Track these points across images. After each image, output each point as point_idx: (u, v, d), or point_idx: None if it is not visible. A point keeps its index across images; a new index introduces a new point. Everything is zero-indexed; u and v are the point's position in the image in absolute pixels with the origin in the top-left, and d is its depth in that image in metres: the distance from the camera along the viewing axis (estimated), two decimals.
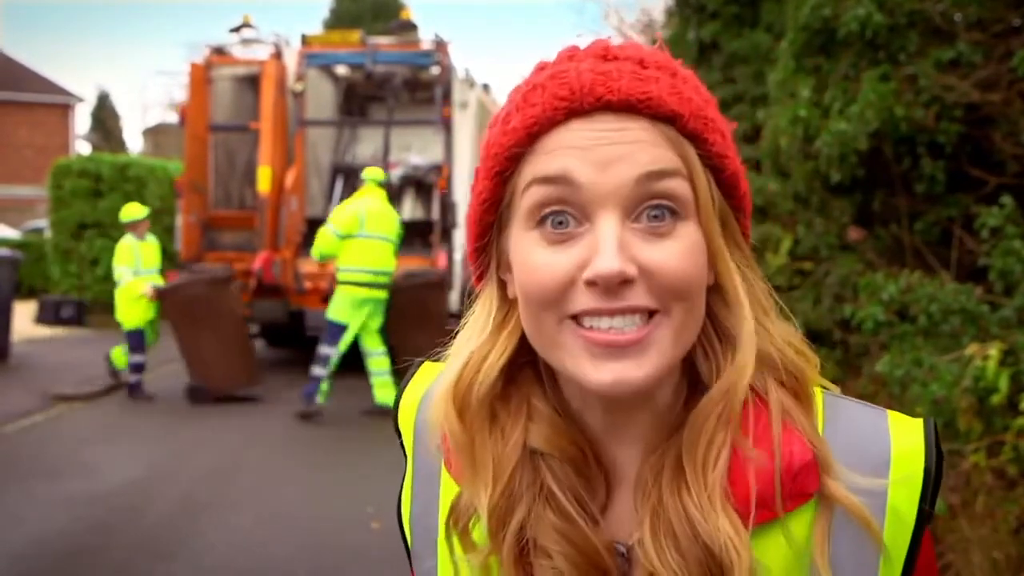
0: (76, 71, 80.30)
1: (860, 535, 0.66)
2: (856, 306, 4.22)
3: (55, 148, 27.10)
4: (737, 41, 7.82)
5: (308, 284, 9.17)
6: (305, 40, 10.50)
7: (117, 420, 7.75)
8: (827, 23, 4.67)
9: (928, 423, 0.70)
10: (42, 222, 18.47)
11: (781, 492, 0.66)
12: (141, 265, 8.33)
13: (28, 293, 15.11)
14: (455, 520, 0.73)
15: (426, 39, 10.59)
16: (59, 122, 29.72)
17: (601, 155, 0.64)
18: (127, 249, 8.37)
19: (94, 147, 34.38)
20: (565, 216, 0.65)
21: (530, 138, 0.66)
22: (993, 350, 3.34)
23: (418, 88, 10.89)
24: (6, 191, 27.56)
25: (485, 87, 12.24)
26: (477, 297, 0.77)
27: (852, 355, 4.96)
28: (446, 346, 0.80)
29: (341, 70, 11.29)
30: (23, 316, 12.42)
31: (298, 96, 10.07)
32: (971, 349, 3.44)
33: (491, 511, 0.70)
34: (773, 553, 0.66)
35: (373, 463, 6.42)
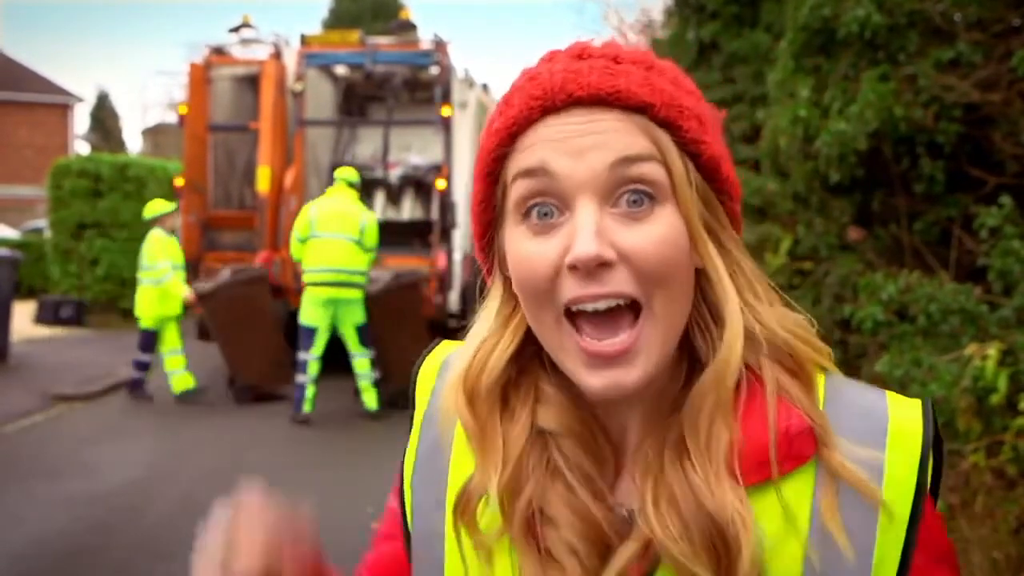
0: (76, 71, 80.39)
1: (860, 505, 0.68)
2: (855, 306, 4.23)
3: (55, 148, 27.10)
4: (737, 41, 7.82)
5: None
6: (304, 40, 10.49)
7: (117, 420, 7.75)
8: (827, 23, 4.68)
9: (926, 401, 0.73)
10: (42, 222, 18.47)
11: (777, 454, 0.68)
12: (174, 261, 8.24)
13: (28, 293, 15.11)
14: (464, 502, 0.75)
15: (425, 39, 10.59)
16: (59, 122, 29.71)
17: (575, 145, 0.67)
18: (167, 243, 8.21)
19: (93, 147, 34.38)
20: (549, 207, 0.69)
21: (511, 138, 0.70)
22: (992, 350, 3.35)
23: (418, 88, 10.89)
24: (6, 191, 27.56)
25: (484, 87, 12.24)
26: (489, 291, 0.81)
27: (851, 355, 4.97)
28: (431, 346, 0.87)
29: (340, 70, 11.28)
30: (23, 316, 12.41)
31: (297, 96, 10.06)
32: (970, 349, 3.45)
33: (502, 489, 0.72)
34: (767, 515, 0.68)
35: (372, 463, 6.41)
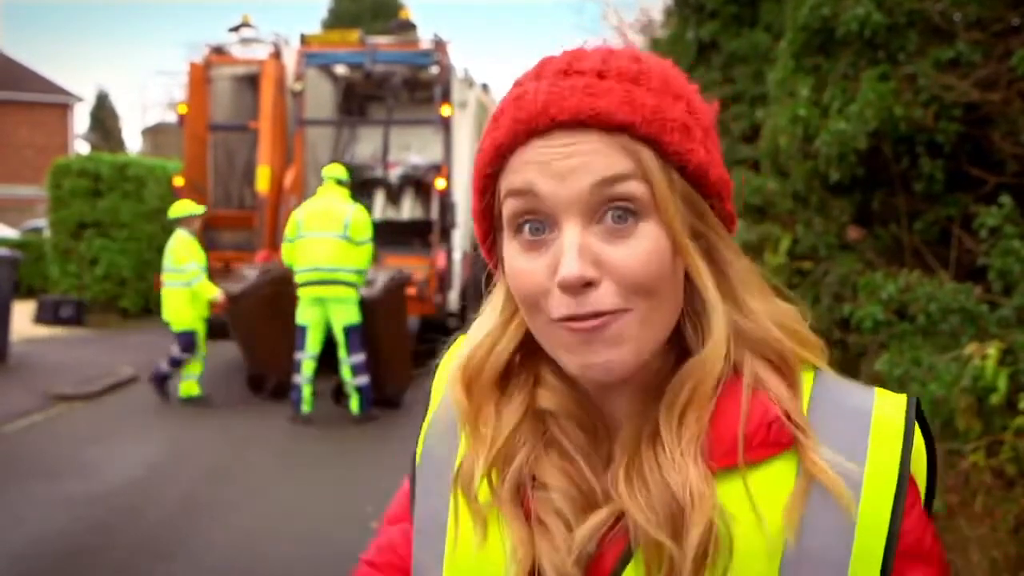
0: (76, 71, 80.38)
1: (836, 503, 0.69)
2: (855, 305, 4.23)
3: (55, 148, 27.09)
4: (736, 41, 7.82)
5: None
6: (304, 40, 10.50)
7: (117, 420, 7.75)
8: (826, 22, 4.68)
9: (912, 398, 0.75)
10: (41, 222, 18.46)
11: (752, 441, 0.71)
12: (199, 262, 8.18)
13: (27, 293, 15.10)
14: (463, 476, 0.80)
15: (425, 39, 10.60)
16: (59, 122, 29.71)
17: (558, 168, 0.70)
18: (193, 244, 8.13)
19: (93, 147, 34.37)
20: (540, 223, 0.72)
21: (500, 158, 0.74)
22: (992, 349, 3.35)
23: (417, 88, 10.89)
24: (6, 191, 27.56)
25: (484, 87, 12.25)
26: (495, 284, 0.84)
27: (851, 354, 4.97)
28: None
29: (340, 70, 11.28)
30: (22, 316, 12.41)
31: (297, 96, 10.06)
32: (970, 348, 3.45)
33: (491, 461, 0.77)
34: (734, 501, 0.70)
35: (372, 462, 6.42)
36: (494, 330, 0.80)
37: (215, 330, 9.10)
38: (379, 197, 10.86)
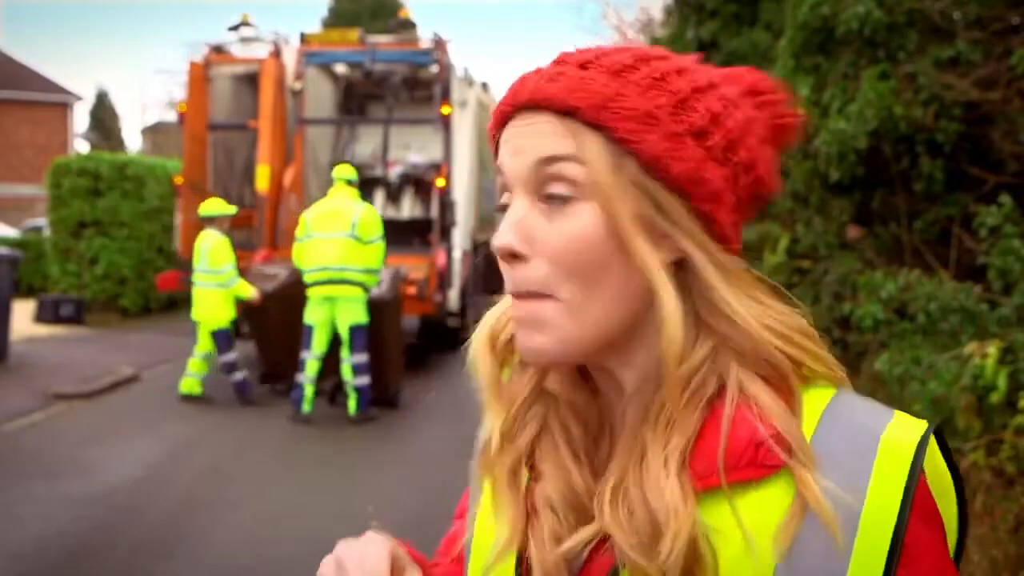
0: (76, 70, 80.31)
1: (829, 535, 0.64)
2: (855, 304, 4.23)
3: (55, 147, 27.08)
4: (736, 40, 7.82)
5: None
6: (304, 39, 10.49)
7: (117, 419, 7.75)
8: (826, 21, 4.67)
9: (932, 425, 0.69)
10: (41, 221, 18.46)
11: (740, 460, 0.67)
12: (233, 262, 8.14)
13: (27, 292, 15.10)
14: (483, 449, 0.82)
15: (425, 38, 10.59)
16: (59, 121, 29.69)
17: (514, 146, 0.74)
18: (228, 244, 8.06)
19: (93, 146, 34.36)
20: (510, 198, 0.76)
21: (494, 140, 0.79)
22: (992, 348, 3.35)
23: (417, 87, 10.89)
24: (6, 190, 27.54)
25: (484, 85, 12.25)
26: None
27: (851, 354, 4.97)
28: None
29: (340, 69, 11.28)
30: (22, 315, 12.40)
31: (297, 95, 10.06)
32: (970, 347, 3.45)
33: (503, 432, 0.79)
34: (722, 521, 0.68)
35: (372, 462, 6.42)
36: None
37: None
38: (379, 196, 10.86)
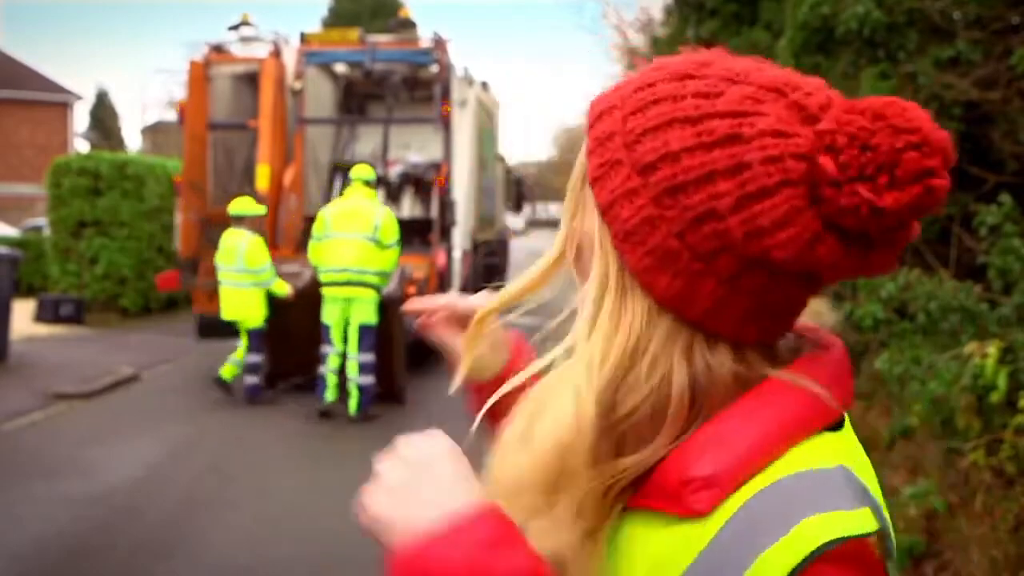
0: (76, 69, 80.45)
1: None
2: (855, 304, 4.23)
3: (55, 146, 27.07)
4: (736, 39, 7.82)
5: None
6: (304, 38, 10.48)
7: (117, 419, 7.75)
8: (826, 21, 4.67)
9: (871, 534, 0.63)
10: (41, 220, 18.45)
11: (659, 489, 0.67)
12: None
13: (27, 291, 15.08)
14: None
15: (425, 37, 10.59)
16: (59, 120, 29.68)
17: None
18: (264, 244, 8.10)
19: (93, 145, 34.35)
20: None
21: None
22: (992, 348, 3.35)
23: (417, 86, 10.88)
24: (6, 189, 27.53)
25: (484, 85, 12.24)
26: None
27: (851, 353, 4.96)
28: None
29: (340, 68, 11.28)
30: (22, 314, 12.40)
31: (297, 94, 10.06)
32: (970, 347, 3.45)
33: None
34: (634, 545, 0.68)
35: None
36: None
37: (206, 329, 9.11)
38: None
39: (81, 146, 33.13)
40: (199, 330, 9.36)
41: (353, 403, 7.50)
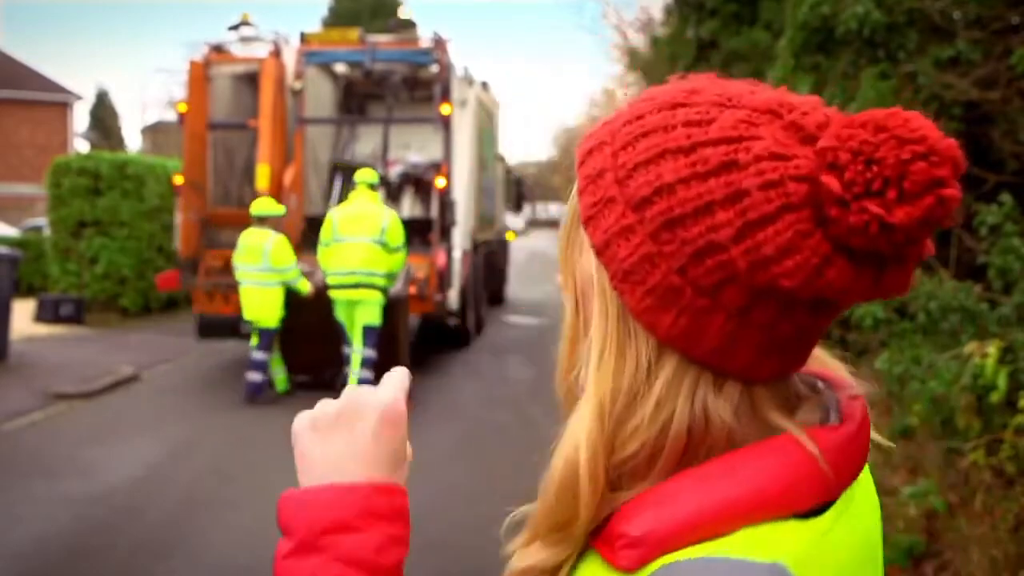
0: (76, 69, 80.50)
1: None
2: (855, 303, 4.22)
3: (55, 146, 27.08)
4: (736, 39, 7.83)
5: None
6: (304, 38, 10.48)
7: (117, 419, 7.75)
8: (826, 21, 4.67)
9: None
10: (41, 220, 18.45)
11: (602, 536, 0.66)
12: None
13: (27, 291, 15.08)
14: None
15: (425, 37, 10.59)
16: (59, 120, 29.69)
17: None
18: (288, 243, 8.13)
19: (93, 145, 34.35)
20: None
21: None
22: (992, 348, 3.35)
23: (417, 86, 10.89)
24: (6, 189, 27.55)
25: (484, 85, 12.25)
26: None
27: (851, 353, 4.96)
28: None
29: (340, 68, 11.28)
30: (22, 314, 12.40)
31: (297, 94, 10.06)
32: (970, 347, 3.45)
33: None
34: None
35: None
36: None
37: (206, 329, 9.12)
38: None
39: (81, 146, 33.15)
40: (199, 330, 9.37)
41: None
